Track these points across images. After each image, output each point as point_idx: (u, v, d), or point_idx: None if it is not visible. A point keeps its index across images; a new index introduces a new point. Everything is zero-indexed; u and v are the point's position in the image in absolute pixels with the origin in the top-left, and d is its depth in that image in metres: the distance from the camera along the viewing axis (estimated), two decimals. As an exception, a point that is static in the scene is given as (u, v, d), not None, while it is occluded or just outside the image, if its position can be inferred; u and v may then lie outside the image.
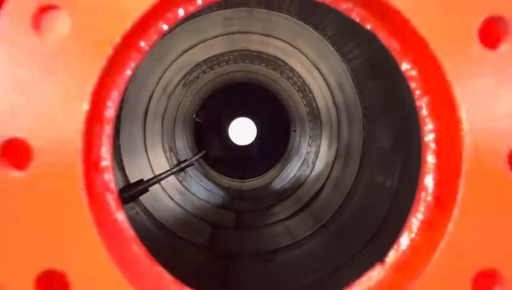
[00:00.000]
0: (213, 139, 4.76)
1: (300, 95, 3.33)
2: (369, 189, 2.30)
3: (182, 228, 2.75)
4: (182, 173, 3.71)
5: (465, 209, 0.62)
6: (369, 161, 2.35)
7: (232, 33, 2.75)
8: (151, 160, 3.12)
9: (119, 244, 0.63)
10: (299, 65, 2.87)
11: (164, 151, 3.49)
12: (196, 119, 4.50)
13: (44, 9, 0.58)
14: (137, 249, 0.65)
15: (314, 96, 3.06)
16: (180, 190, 3.35)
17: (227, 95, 4.24)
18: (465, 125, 0.62)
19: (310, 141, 3.44)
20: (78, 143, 0.58)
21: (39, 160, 0.59)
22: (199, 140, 4.51)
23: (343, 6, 0.68)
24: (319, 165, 3.14)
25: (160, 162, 3.33)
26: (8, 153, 0.58)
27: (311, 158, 3.35)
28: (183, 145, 4.06)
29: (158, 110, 3.27)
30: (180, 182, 3.51)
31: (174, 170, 3.43)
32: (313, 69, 2.77)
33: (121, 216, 0.65)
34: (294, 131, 4.11)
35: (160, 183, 2.91)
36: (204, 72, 3.54)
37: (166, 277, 0.65)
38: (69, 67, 0.59)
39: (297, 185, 3.33)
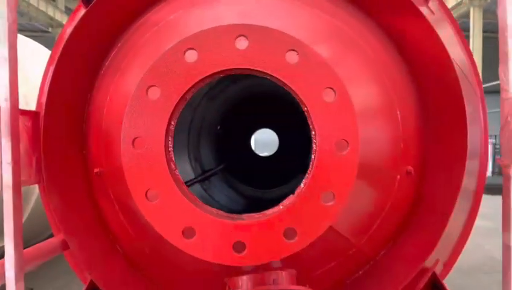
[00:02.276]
0: (236, 150, 4.90)
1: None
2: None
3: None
4: (207, 182, 3.85)
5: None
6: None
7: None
8: (178, 168, 3.28)
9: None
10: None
11: (189, 160, 3.65)
12: (220, 131, 4.64)
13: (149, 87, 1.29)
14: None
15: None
16: (204, 197, 3.49)
17: (250, 107, 4.38)
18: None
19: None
20: (162, 142, 1.25)
21: (144, 146, 1.27)
22: (223, 150, 4.66)
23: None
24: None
25: (186, 170, 3.50)
26: (135, 143, 1.26)
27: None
28: (207, 156, 4.21)
29: (184, 123, 3.45)
30: (205, 190, 3.65)
31: (199, 178, 3.58)
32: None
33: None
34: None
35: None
36: (227, 86, 3.69)
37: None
38: (156, 109, 1.23)
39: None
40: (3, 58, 1.35)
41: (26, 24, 18.01)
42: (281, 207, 1.18)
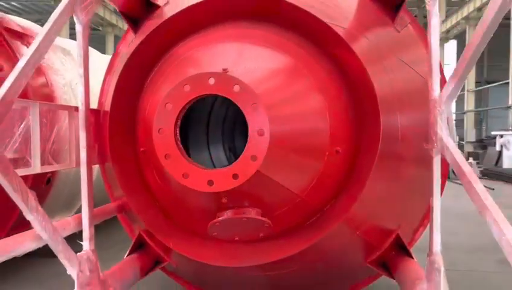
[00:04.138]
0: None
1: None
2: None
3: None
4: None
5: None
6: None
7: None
8: (213, 156, 3.86)
9: None
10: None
11: (224, 150, 4.18)
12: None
13: None
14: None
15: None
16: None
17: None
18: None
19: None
20: (172, 131, 2.00)
21: (164, 133, 2.00)
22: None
23: None
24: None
25: (221, 158, 4.04)
26: (160, 131, 2.00)
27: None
28: (241, 146, 4.67)
29: (219, 115, 3.97)
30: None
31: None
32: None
33: None
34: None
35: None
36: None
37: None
38: (169, 114, 2.00)
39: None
40: (80, 76, 1.97)
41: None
42: (232, 164, 1.93)
